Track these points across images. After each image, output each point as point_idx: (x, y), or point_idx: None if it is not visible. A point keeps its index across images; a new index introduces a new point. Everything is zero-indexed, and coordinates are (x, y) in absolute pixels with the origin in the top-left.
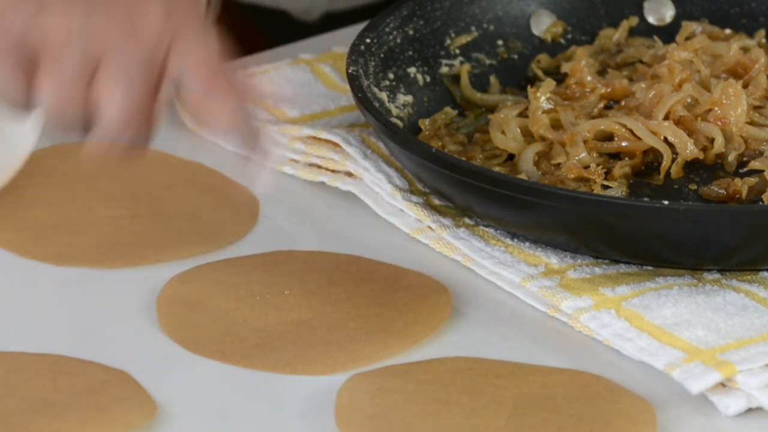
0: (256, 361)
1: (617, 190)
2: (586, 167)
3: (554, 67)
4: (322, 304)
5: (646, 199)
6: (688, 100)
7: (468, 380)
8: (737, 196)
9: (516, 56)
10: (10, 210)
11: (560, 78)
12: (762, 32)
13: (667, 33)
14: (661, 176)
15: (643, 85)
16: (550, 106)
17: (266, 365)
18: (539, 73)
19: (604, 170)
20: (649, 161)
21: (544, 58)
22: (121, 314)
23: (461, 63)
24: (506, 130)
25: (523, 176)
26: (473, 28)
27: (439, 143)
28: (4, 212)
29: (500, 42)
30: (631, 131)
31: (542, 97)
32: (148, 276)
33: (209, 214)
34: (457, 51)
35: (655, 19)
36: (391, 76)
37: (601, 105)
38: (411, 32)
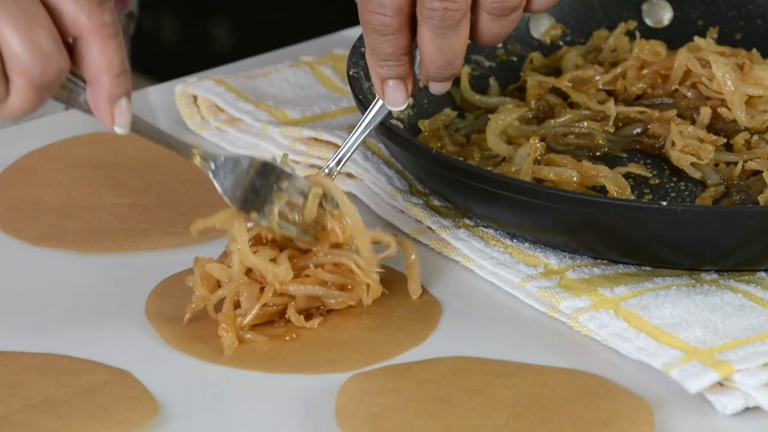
0: (272, 366)
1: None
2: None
3: (546, 65)
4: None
5: (644, 200)
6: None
7: (467, 380)
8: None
9: (515, 58)
10: (21, 190)
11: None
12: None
13: (665, 35)
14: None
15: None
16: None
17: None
18: (530, 78)
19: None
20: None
21: (537, 57)
22: (114, 309)
23: None
24: (494, 145)
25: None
26: None
27: (438, 144)
28: (14, 191)
29: (499, 44)
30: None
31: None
32: (135, 262)
33: (207, 210)
34: None
35: (652, 21)
36: None
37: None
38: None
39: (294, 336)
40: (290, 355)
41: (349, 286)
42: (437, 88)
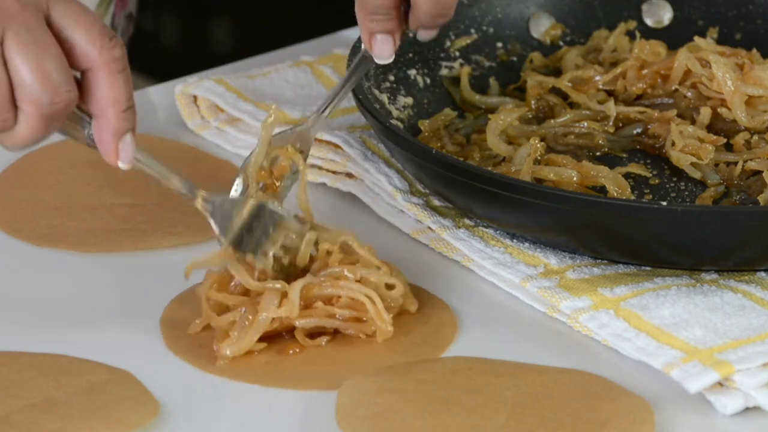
0: (269, 379)
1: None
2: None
3: (546, 65)
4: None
5: (644, 200)
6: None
7: (468, 380)
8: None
9: (515, 58)
10: (21, 190)
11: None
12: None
13: (665, 35)
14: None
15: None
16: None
17: (279, 383)
18: (530, 78)
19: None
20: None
21: (537, 57)
22: (123, 311)
23: (461, 65)
24: (494, 145)
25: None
26: (473, 31)
27: (439, 144)
28: (14, 191)
29: (500, 44)
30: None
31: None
32: (135, 262)
33: None
34: (457, 53)
35: (652, 21)
36: (392, 78)
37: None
38: (411, 34)
39: (297, 350)
40: (286, 369)
41: (364, 318)
42: (426, 35)
